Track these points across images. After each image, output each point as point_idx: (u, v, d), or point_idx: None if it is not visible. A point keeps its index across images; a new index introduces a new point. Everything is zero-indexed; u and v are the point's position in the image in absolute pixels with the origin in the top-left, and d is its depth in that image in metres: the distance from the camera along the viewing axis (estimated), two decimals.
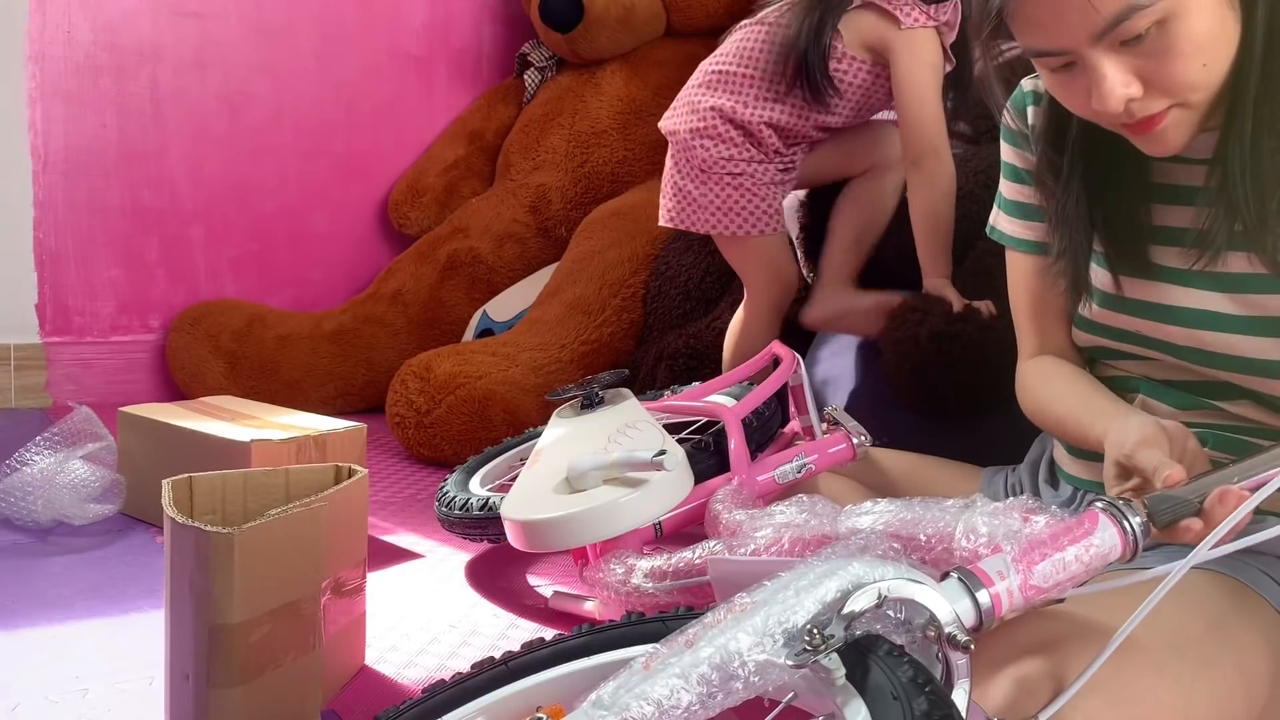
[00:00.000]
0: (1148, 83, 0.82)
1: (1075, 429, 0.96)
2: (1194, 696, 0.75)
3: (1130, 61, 0.81)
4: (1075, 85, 0.85)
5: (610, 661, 0.78)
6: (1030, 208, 1.04)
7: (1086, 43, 0.81)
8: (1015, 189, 1.06)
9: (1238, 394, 0.92)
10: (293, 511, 0.97)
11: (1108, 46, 0.81)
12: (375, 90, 2.88)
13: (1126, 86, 0.82)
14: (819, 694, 0.62)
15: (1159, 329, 0.94)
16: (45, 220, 2.47)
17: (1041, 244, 1.04)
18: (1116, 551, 0.71)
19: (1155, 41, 0.80)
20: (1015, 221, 1.06)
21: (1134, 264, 0.94)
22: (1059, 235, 0.99)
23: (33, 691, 1.07)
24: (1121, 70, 0.82)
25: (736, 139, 1.59)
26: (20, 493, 1.56)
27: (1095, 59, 0.82)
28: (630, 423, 1.22)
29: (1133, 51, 0.81)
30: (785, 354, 1.36)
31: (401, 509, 1.79)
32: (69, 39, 2.46)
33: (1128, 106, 0.83)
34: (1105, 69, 0.82)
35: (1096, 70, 0.82)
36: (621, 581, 1.05)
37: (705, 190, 1.62)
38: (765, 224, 1.61)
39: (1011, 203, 1.06)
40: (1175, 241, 0.92)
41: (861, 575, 0.65)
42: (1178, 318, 0.92)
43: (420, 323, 2.58)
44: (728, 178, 1.60)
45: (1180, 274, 0.92)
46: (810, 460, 1.19)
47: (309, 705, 0.98)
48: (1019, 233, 1.06)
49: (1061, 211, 0.98)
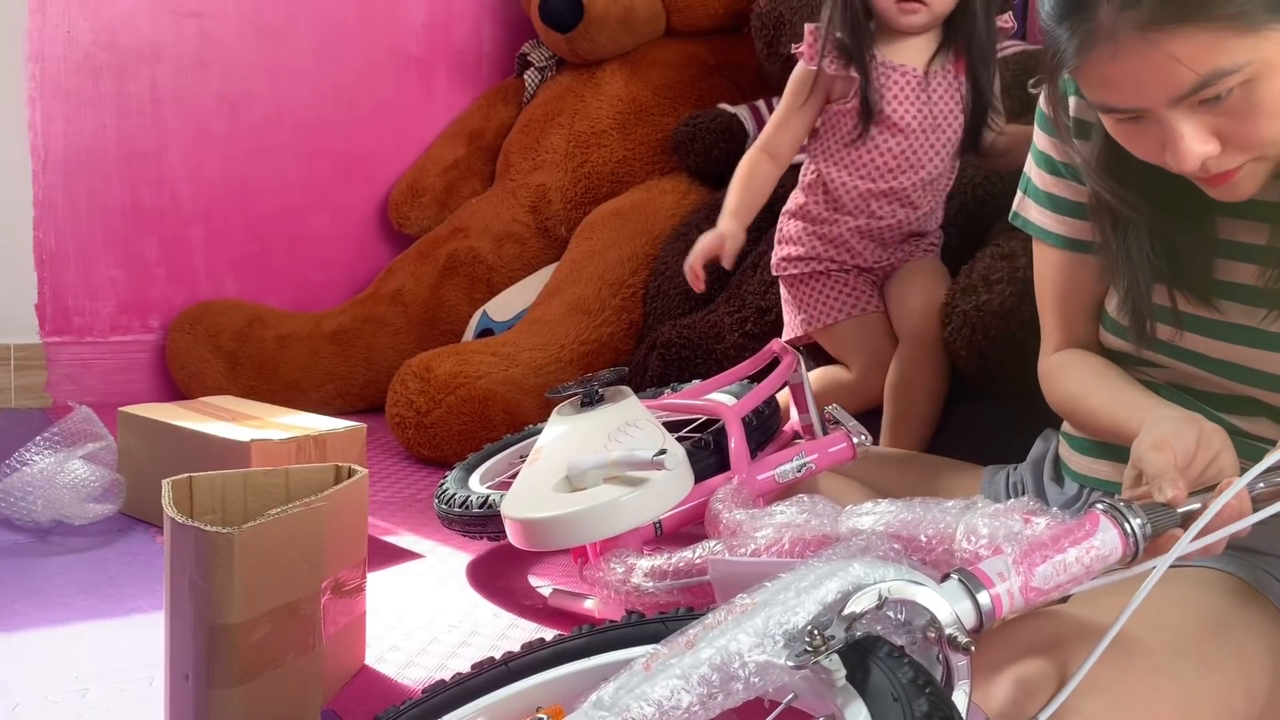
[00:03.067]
0: (1226, 140, 0.79)
1: (1110, 423, 0.93)
2: (1195, 697, 0.75)
3: (1209, 120, 0.78)
4: (1146, 135, 0.82)
5: (611, 662, 0.78)
6: (1066, 202, 1.00)
7: (1165, 104, 0.78)
8: (1050, 180, 1.02)
9: (1256, 410, 0.91)
10: (293, 511, 0.96)
11: (1187, 107, 0.77)
12: (375, 90, 2.88)
13: (1205, 145, 0.78)
14: (819, 695, 0.62)
15: (1193, 340, 0.92)
16: (45, 220, 2.47)
17: (1075, 240, 1.00)
18: (1118, 553, 0.71)
19: (1237, 101, 0.77)
20: (1047, 214, 1.03)
21: (1201, 302, 0.91)
22: (1121, 277, 0.95)
23: (33, 691, 1.07)
24: (1200, 129, 0.78)
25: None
26: (20, 493, 1.56)
27: (1173, 119, 0.78)
28: (630, 421, 1.22)
29: (1212, 110, 0.77)
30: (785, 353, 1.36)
31: (401, 509, 1.79)
32: (69, 39, 2.46)
33: (1204, 163, 0.80)
34: (1183, 128, 0.78)
35: (1174, 130, 0.78)
36: (621, 580, 1.06)
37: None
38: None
39: (1045, 194, 1.03)
40: (1241, 296, 0.89)
41: (862, 576, 0.65)
42: (1214, 330, 0.91)
43: (420, 323, 2.58)
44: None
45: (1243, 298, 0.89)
46: (810, 459, 1.19)
47: (309, 705, 0.98)
48: (1051, 226, 1.02)
49: (1125, 253, 0.93)
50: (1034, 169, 1.04)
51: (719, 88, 2.68)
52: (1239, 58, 0.74)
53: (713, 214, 2.29)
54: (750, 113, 2.48)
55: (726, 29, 2.74)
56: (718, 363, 1.90)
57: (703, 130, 2.44)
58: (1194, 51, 0.74)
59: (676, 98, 2.65)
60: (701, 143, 2.44)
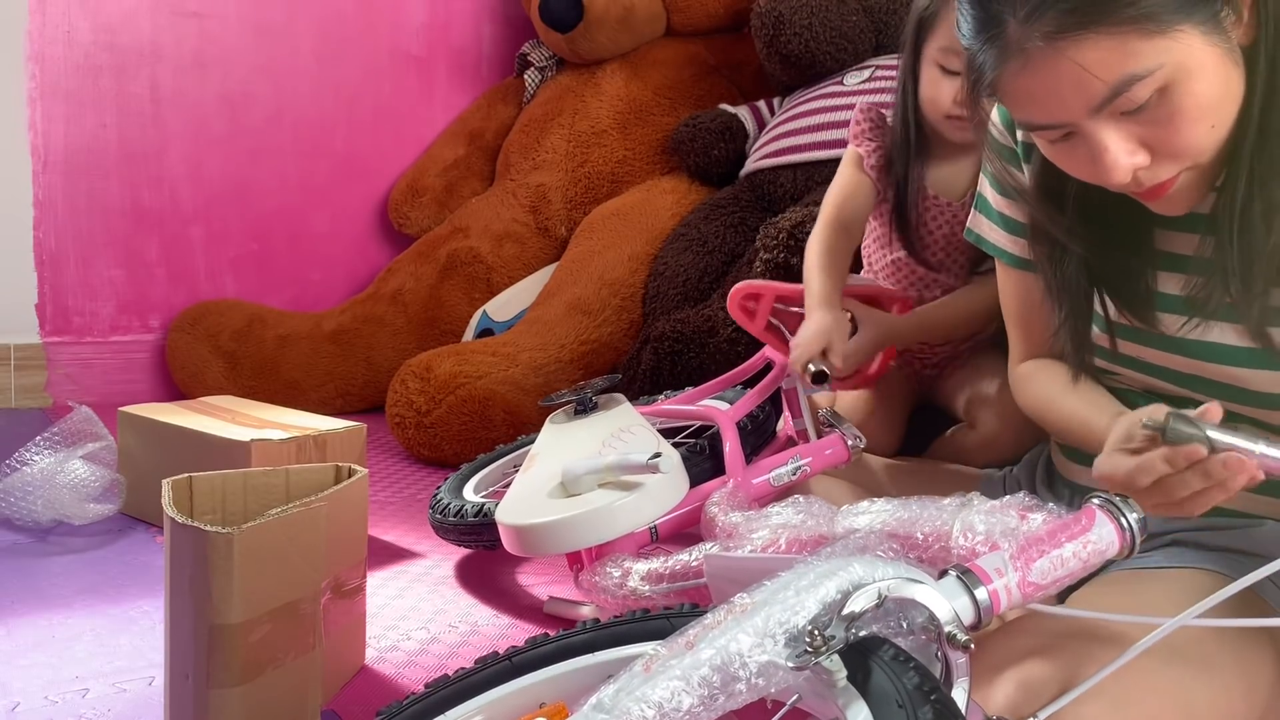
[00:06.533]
0: (1154, 150, 0.77)
1: (1081, 429, 0.94)
2: (1196, 698, 0.75)
3: (1133, 130, 0.77)
4: (1076, 154, 0.81)
5: (616, 658, 0.78)
6: (1017, 224, 1.01)
7: (1085, 115, 0.77)
8: (1002, 201, 1.02)
9: (1234, 420, 0.91)
10: (293, 511, 0.97)
11: (1108, 117, 0.76)
12: (375, 90, 2.88)
13: (1132, 156, 0.77)
14: (821, 696, 0.62)
15: (1163, 357, 0.92)
16: (45, 220, 2.47)
17: (1028, 260, 1.01)
18: (1114, 548, 0.72)
19: (1158, 109, 0.75)
20: (1000, 233, 1.03)
21: (1140, 322, 0.91)
22: (1061, 304, 0.95)
23: (33, 691, 1.07)
24: (1125, 139, 0.77)
25: None
26: (20, 493, 1.56)
27: (1096, 130, 0.77)
28: (624, 427, 1.22)
29: (1135, 120, 0.76)
30: (778, 357, 1.36)
31: (401, 509, 1.79)
32: (69, 39, 2.46)
33: (1135, 175, 0.78)
34: (1107, 140, 0.77)
35: (1099, 143, 0.77)
36: (618, 585, 1.05)
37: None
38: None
39: (999, 214, 1.03)
40: (1176, 307, 0.89)
41: (862, 575, 0.65)
42: (1183, 348, 0.90)
43: (420, 323, 2.58)
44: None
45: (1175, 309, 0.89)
46: (805, 462, 1.19)
47: (309, 705, 0.98)
48: (1005, 245, 1.03)
49: (1061, 278, 0.93)
50: (990, 192, 1.04)
51: (719, 88, 2.68)
52: (1148, 61, 0.73)
53: (712, 214, 2.32)
54: (750, 113, 2.48)
55: (726, 29, 2.74)
56: (711, 357, 1.90)
57: (703, 130, 2.44)
58: (1102, 58, 0.73)
59: (676, 98, 2.65)
60: (701, 143, 2.44)
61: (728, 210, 2.29)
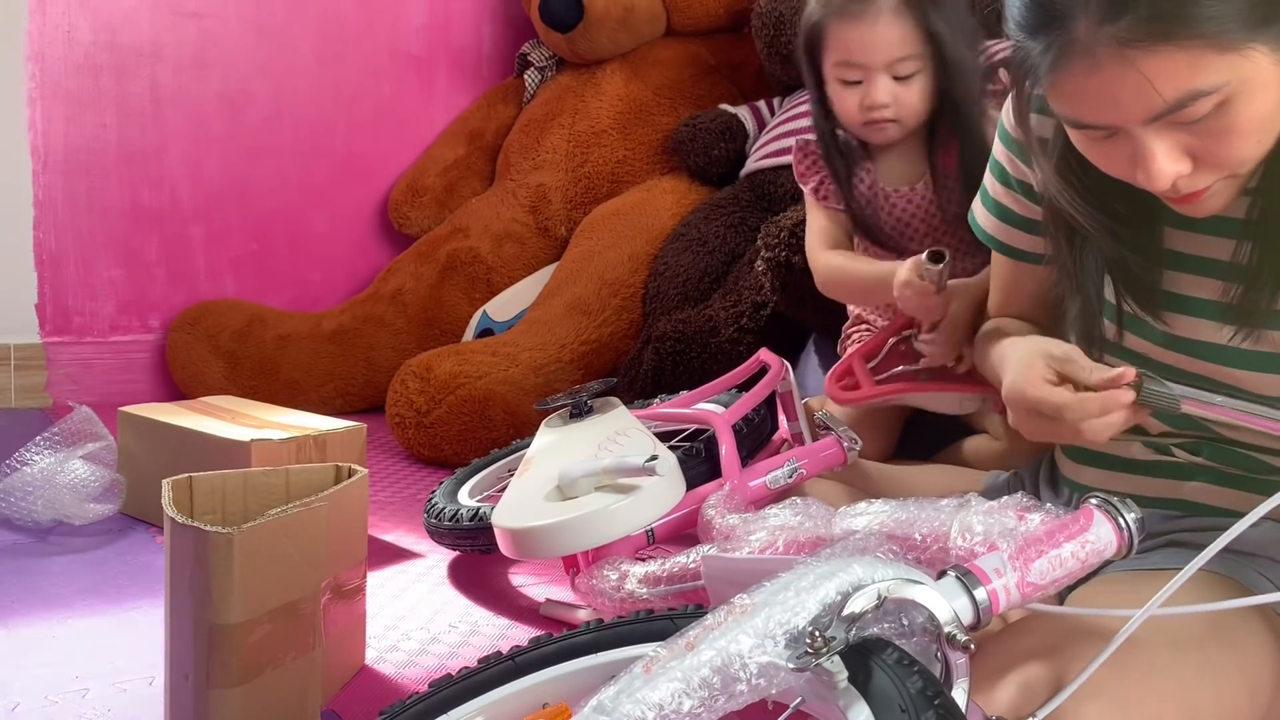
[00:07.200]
0: (1198, 160, 0.76)
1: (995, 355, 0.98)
2: (1197, 698, 0.75)
3: (1182, 139, 0.76)
4: (1117, 154, 0.79)
5: (619, 658, 0.78)
6: (1014, 215, 1.02)
7: (1139, 123, 0.75)
8: (1000, 190, 1.03)
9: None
10: (293, 511, 0.97)
11: (1161, 125, 0.75)
12: (375, 90, 2.88)
13: (1177, 164, 0.76)
14: (823, 698, 0.62)
15: (1163, 353, 0.92)
16: (45, 220, 2.47)
17: (1014, 249, 1.04)
18: (1112, 548, 0.72)
19: (1213, 122, 0.74)
20: (993, 220, 1.04)
21: (1150, 320, 0.91)
22: (1074, 298, 0.94)
23: (33, 691, 1.07)
24: (1173, 149, 0.76)
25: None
26: (20, 493, 1.56)
27: (1145, 137, 0.76)
28: (620, 430, 1.22)
29: (1186, 130, 0.75)
30: (773, 361, 1.36)
31: (401, 509, 1.79)
32: (69, 39, 2.46)
33: (1174, 183, 0.78)
34: (1156, 149, 0.76)
35: (1146, 149, 0.76)
36: (615, 587, 1.05)
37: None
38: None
39: (996, 203, 1.04)
40: (1199, 311, 0.89)
41: (861, 576, 0.65)
42: (1183, 347, 0.90)
43: (420, 323, 2.58)
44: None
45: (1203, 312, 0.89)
46: (801, 464, 1.19)
47: (309, 705, 0.98)
48: (999, 235, 1.05)
49: (1080, 267, 0.92)
50: (990, 178, 1.05)
51: (719, 88, 2.68)
52: (1217, 78, 0.72)
53: (712, 214, 2.32)
54: (750, 113, 2.48)
55: (726, 29, 2.74)
56: (713, 358, 1.90)
57: (703, 130, 2.44)
58: (1173, 71, 0.72)
59: (676, 98, 2.65)
60: (701, 143, 2.44)
61: (728, 210, 2.29)
